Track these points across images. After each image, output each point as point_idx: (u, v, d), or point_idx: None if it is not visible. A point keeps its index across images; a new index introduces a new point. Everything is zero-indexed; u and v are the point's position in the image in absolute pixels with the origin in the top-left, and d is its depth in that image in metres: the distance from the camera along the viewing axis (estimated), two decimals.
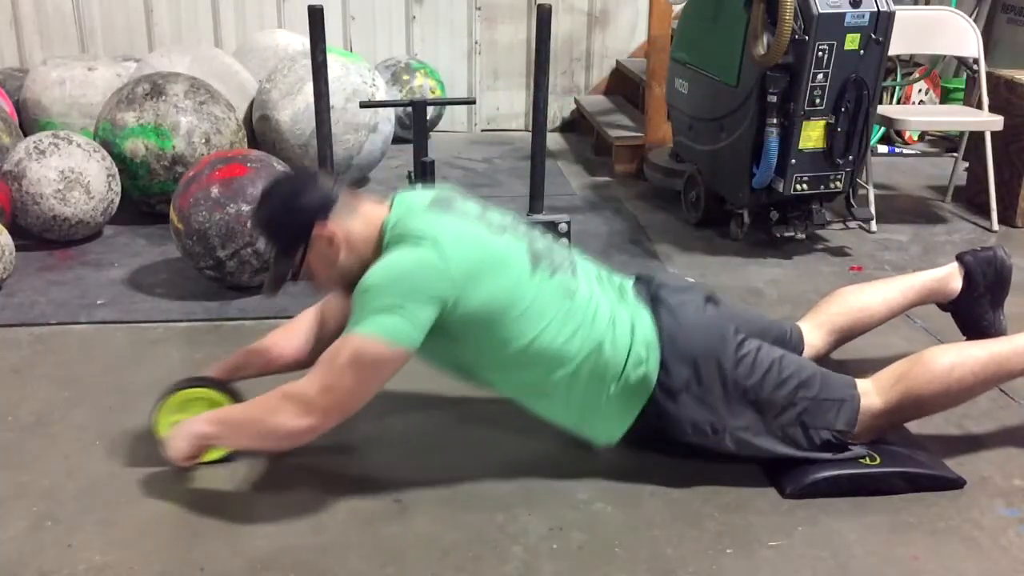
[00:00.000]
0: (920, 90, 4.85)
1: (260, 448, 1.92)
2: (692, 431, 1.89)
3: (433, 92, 4.69)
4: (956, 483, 1.93)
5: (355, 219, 1.85)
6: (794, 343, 2.18)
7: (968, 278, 2.33)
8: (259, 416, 1.79)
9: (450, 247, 1.75)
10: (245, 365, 2.08)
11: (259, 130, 3.83)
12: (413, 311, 1.71)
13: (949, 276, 2.35)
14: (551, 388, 1.88)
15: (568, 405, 1.91)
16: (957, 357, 1.94)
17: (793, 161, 3.10)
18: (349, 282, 1.81)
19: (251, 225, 1.90)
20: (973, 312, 2.35)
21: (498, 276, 1.79)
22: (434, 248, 1.73)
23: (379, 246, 1.82)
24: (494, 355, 1.85)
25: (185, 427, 1.87)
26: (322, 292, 2.01)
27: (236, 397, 1.97)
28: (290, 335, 2.10)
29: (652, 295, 1.99)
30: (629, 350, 1.87)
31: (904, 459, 1.94)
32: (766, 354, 1.93)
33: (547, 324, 1.83)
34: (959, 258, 2.36)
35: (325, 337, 2.02)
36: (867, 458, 1.92)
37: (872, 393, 1.93)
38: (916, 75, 4.70)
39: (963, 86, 4.71)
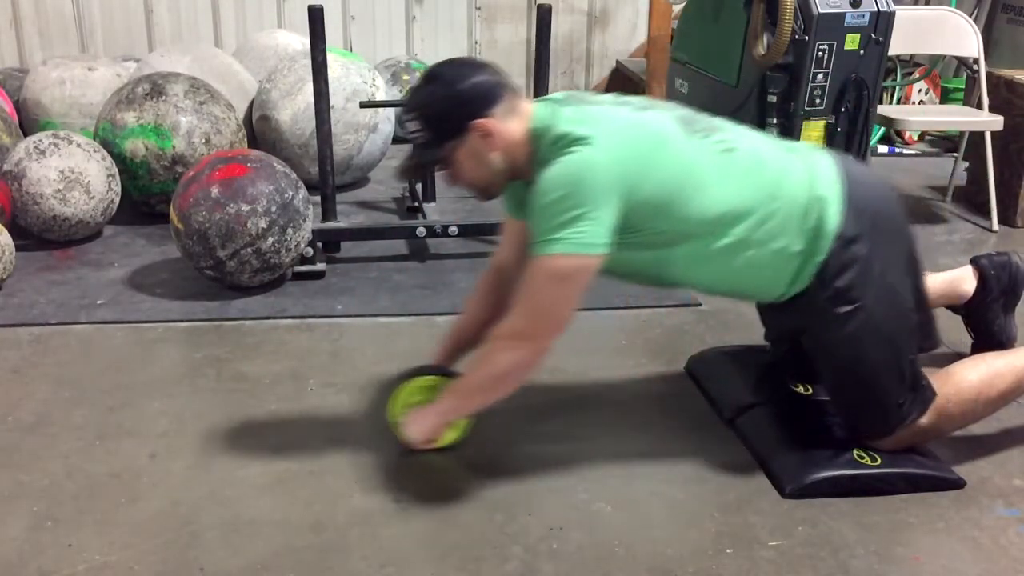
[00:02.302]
0: (920, 90, 4.85)
1: (500, 396, 1.85)
2: (848, 289, 1.82)
3: None
4: (956, 483, 1.93)
5: (513, 119, 1.80)
6: None
7: (982, 281, 2.32)
8: (484, 370, 1.81)
9: (609, 140, 1.71)
10: (459, 343, 2.10)
11: (259, 130, 3.83)
12: (596, 215, 1.68)
13: (961, 278, 2.34)
14: (732, 248, 1.82)
15: (751, 262, 1.84)
16: (986, 378, 1.94)
17: None
18: (494, 184, 1.80)
19: (406, 107, 1.84)
20: (985, 316, 2.35)
21: (661, 152, 1.76)
22: (596, 146, 1.69)
23: (530, 152, 1.79)
24: (677, 231, 1.79)
25: (423, 410, 1.92)
26: (454, 187, 1.93)
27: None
28: (481, 296, 2.09)
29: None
30: (808, 197, 1.82)
31: (904, 459, 1.94)
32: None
33: (716, 184, 1.78)
34: (974, 261, 2.35)
35: (513, 280, 1.97)
36: (868, 458, 1.92)
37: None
38: (916, 75, 4.70)
39: (963, 86, 4.71)
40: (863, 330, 1.84)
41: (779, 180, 1.83)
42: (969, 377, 1.94)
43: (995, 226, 3.61)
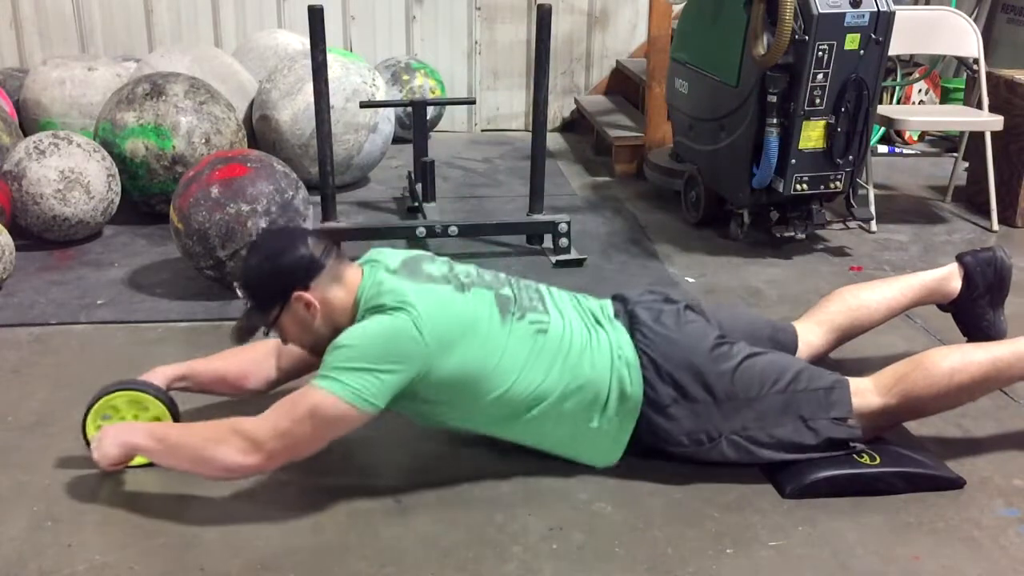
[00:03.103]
0: (920, 90, 4.85)
1: (192, 472, 1.82)
2: (689, 442, 1.91)
3: (433, 92, 4.69)
4: (956, 483, 1.93)
5: (336, 287, 1.85)
6: (786, 342, 2.18)
7: (968, 278, 2.32)
8: (201, 443, 1.78)
9: (424, 316, 1.76)
10: (191, 376, 2.07)
11: (259, 130, 3.84)
12: (381, 376, 1.73)
13: (949, 276, 2.34)
14: (539, 424, 1.89)
15: (560, 436, 1.92)
16: (959, 361, 1.94)
17: (793, 161, 3.10)
18: (319, 346, 1.83)
19: (236, 275, 1.93)
20: (973, 312, 2.35)
21: (470, 338, 1.82)
22: (408, 317, 1.75)
23: (353, 314, 1.84)
24: (474, 409, 1.87)
25: (119, 434, 1.86)
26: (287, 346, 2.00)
27: (171, 407, 1.97)
28: (244, 360, 2.10)
29: (629, 314, 2.00)
30: (611, 372, 1.89)
31: (904, 459, 1.94)
32: (751, 357, 1.94)
33: (522, 368, 1.85)
34: (959, 258, 2.36)
35: (279, 374, 2.07)
36: (867, 458, 1.92)
37: (872, 392, 1.94)
38: (916, 75, 4.70)
39: (963, 86, 4.71)
40: (736, 448, 1.90)
41: (583, 361, 1.89)
42: (940, 362, 1.94)
43: (995, 226, 3.61)
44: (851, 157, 3.15)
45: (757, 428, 1.90)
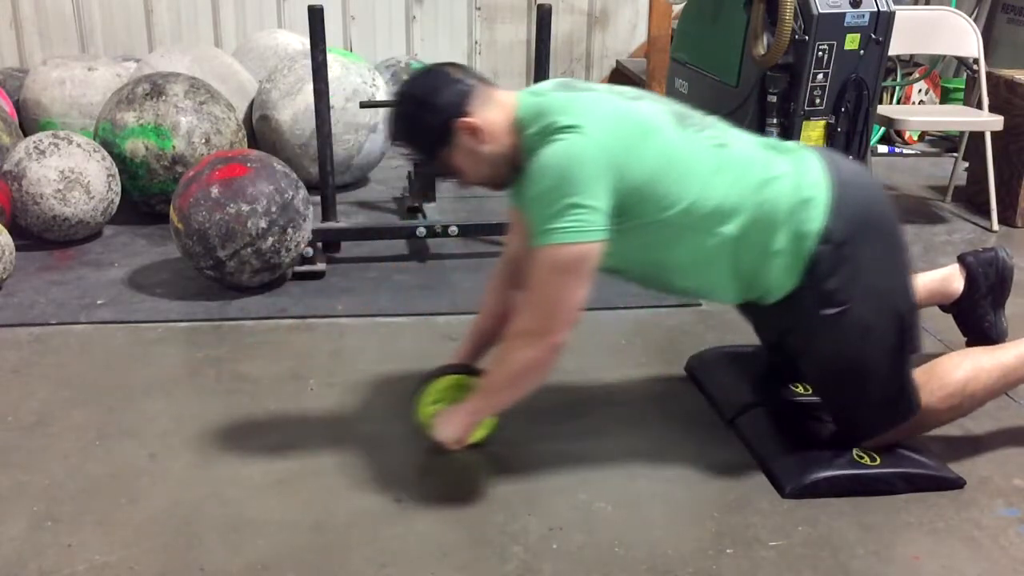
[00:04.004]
0: (920, 90, 4.85)
1: (522, 394, 1.86)
2: (837, 296, 1.82)
3: None
4: (956, 483, 1.93)
5: (492, 108, 1.80)
6: None
7: (969, 279, 2.32)
8: (503, 369, 1.83)
9: (598, 126, 1.71)
10: (480, 339, 2.11)
11: (259, 130, 3.83)
12: (589, 201, 1.68)
13: (950, 277, 2.34)
14: (722, 246, 1.81)
15: (740, 262, 1.84)
16: (971, 369, 1.94)
17: None
18: (499, 176, 1.82)
19: (390, 136, 1.86)
20: (974, 313, 2.35)
21: (650, 139, 1.76)
22: (583, 133, 1.70)
23: (517, 140, 1.79)
24: (663, 226, 1.78)
25: (453, 410, 1.93)
26: (470, 188, 1.96)
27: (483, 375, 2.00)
28: (497, 290, 2.10)
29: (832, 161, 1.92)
30: (796, 189, 1.81)
31: (904, 459, 1.94)
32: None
33: (707, 177, 1.78)
34: (960, 259, 2.36)
35: (525, 267, 1.98)
36: (867, 458, 1.92)
37: None
38: (916, 75, 4.70)
39: (963, 86, 4.71)
40: (849, 333, 1.84)
41: (767, 180, 1.82)
42: (954, 372, 1.94)
43: (995, 226, 3.61)
44: (851, 157, 3.15)
45: (888, 315, 1.84)
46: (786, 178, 1.83)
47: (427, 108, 1.79)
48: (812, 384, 2.01)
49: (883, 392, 1.88)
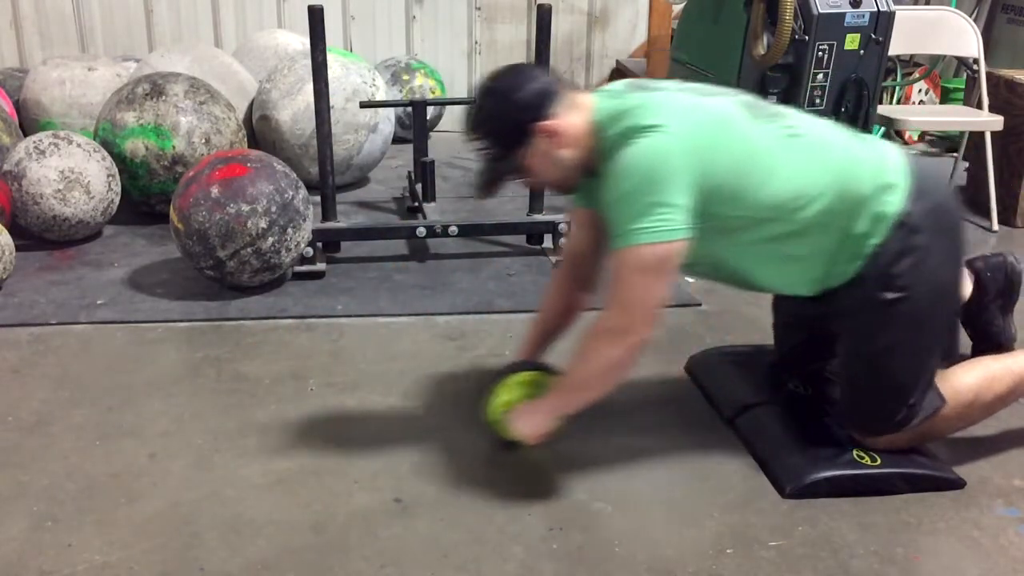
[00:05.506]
0: (920, 90, 4.85)
1: (602, 392, 1.86)
2: (899, 276, 1.81)
3: (433, 92, 4.69)
4: (956, 483, 1.93)
5: (572, 111, 1.80)
6: None
7: (978, 284, 2.32)
8: (584, 367, 1.82)
9: (680, 124, 1.71)
10: (543, 335, 2.11)
11: (259, 130, 3.84)
12: (673, 200, 1.68)
13: None
14: (805, 234, 1.81)
15: (822, 249, 1.84)
16: (983, 381, 1.94)
17: None
18: (569, 179, 1.82)
19: (471, 127, 1.86)
20: (982, 318, 2.34)
21: (728, 136, 1.76)
22: (666, 132, 1.70)
23: (594, 144, 1.79)
24: (747, 220, 1.79)
25: (531, 407, 1.93)
26: (534, 189, 1.96)
27: (554, 372, 2.00)
28: (559, 286, 2.09)
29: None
30: (878, 173, 1.81)
31: (904, 459, 1.94)
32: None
33: (786, 167, 1.78)
34: (969, 264, 2.34)
35: (588, 266, 2.03)
36: (867, 458, 1.92)
37: None
38: (916, 75, 4.70)
39: (963, 86, 4.71)
40: (902, 320, 1.84)
41: (846, 164, 1.82)
42: (966, 381, 1.94)
43: (995, 226, 3.61)
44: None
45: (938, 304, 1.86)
46: (867, 162, 1.84)
47: (510, 105, 1.79)
48: (842, 368, 2.00)
49: (910, 387, 1.88)
